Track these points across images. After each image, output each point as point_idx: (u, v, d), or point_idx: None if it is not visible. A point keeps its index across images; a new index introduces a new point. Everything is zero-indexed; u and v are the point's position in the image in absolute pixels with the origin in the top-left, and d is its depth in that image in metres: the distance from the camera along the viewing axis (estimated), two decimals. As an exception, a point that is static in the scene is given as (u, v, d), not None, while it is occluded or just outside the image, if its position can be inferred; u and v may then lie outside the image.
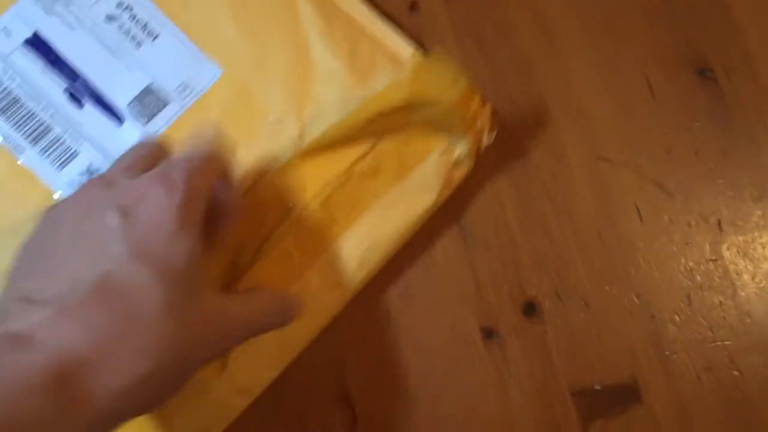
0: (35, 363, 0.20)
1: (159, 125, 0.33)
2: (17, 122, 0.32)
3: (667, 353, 0.36)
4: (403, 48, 0.35)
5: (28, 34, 0.33)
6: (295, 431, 0.35)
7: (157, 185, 0.25)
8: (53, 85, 0.33)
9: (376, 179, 0.34)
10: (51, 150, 0.33)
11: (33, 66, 0.33)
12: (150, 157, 0.28)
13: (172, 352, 0.23)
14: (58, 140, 0.33)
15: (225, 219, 0.28)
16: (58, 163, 0.33)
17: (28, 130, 0.32)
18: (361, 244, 0.34)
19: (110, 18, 0.34)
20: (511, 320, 0.37)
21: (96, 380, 0.21)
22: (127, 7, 0.34)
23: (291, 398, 0.35)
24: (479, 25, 0.40)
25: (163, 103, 0.34)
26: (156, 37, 0.34)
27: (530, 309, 0.37)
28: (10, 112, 0.32)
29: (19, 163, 0.32)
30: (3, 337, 0.21)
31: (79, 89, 0.33)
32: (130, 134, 0.33)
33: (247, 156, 0.33)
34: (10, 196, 0.32)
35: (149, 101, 0.33)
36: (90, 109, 0.33)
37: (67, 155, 0.33)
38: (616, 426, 0.35)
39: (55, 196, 0.32)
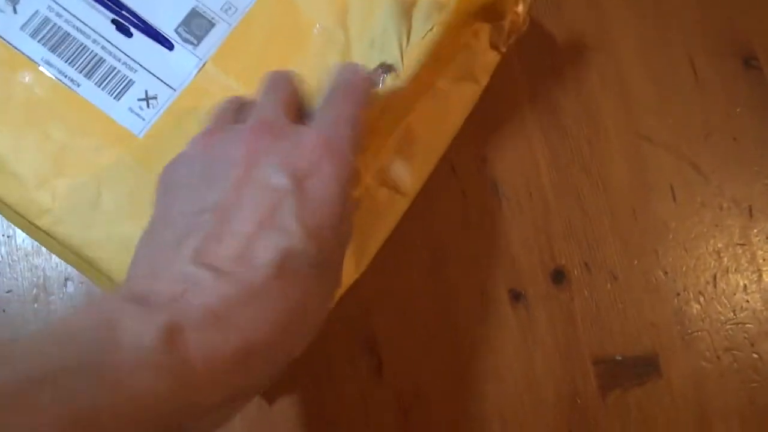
0: (229, 343, 0.21)
1: (209, 46, 0.33)
2: (69, 58, 0.32)
3: (690, 331, 0.37)
4: None
5: None
6: (322, 377, 0.36)
7: (329, 157, 0.24)
8: (100, 17, 0.33)
9: (423, 74, 0.33)
10: (106, 81, 0.32)
11: (77, 0, 0.33)
12: (298, 96, 0.28)
13: (313, 332, 0.24)
14: (112, 71, 0.32)
15: None
16: (115, 93, 0.32)
17: (81, 64, 0.32)
18: (407, 140, 0.34)
19: None
20: (539, 286, 0.37)
21: (263, 359, 0.22)
22: None
23: (319, 345, 0.35)
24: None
25: (210, 25, 0.33)
26: None
27: (559, 276, 0.37)
28: (61, 49, 0.32)
29: (77, 95, 0.32)
30: (201, 310, 0.21)
31: (126, 18, 0.33)
32: (181, 58, 0.33)
33: (300, 69, 0.32)
34: (74, 129, 0.32)
35: (196, 24, 0.33)
36: (139, 37, 0.33)
37: (123, 85, 0.32)
38: (633, 396, 0.36)
39: (118, 124, 0.32)
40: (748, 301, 0.37)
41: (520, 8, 0.34)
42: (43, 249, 0.37)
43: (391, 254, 0.37)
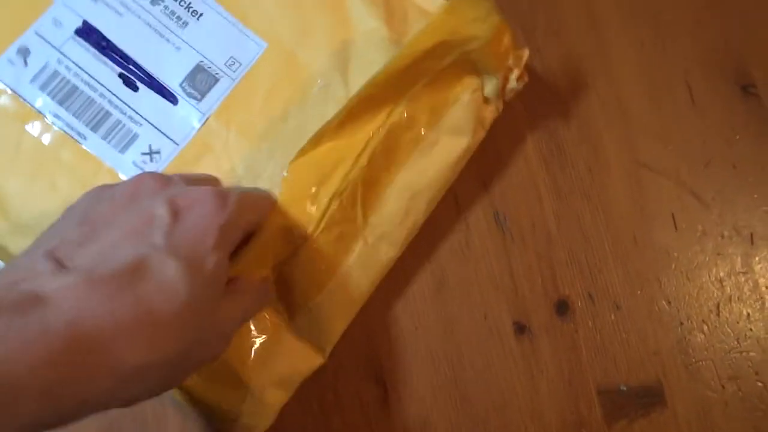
0: (49, 324, 0.20)
1: (212, 101, 0.34)
2: (77, 110, 0.33)
3: (694, 360, 0.37)
4: (433, 2, 0.35)
5: (78, 23, 0.33)
6: (329, 407, 0.36)
7: (211, 197, 0.26)
8: (107, 71, 0.33)
9: (411, 128, 0.34)
10: (111, 135, 0.33)
11: (86, 54, 0.33)
12: (209, 181, 0.30)
13: (179, 347, 0.23)
14: (118, 125, 0.33)
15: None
16: (120, 147, 0.33)
17: (87, 117, 0.33)
18: (405, 194, 0.34)
19: (155, 1, 0.34)
20: (543, 317, 0.37)
21: (105, 356, 0.21)
22: None
23: (326, 375, 0.35)
24: (530, 20, 0.40)
25: (214, 80, 0.34)
26: (200, 16, 0.34)
27: (563, 307, 0.37)
28: (69, 102, 0.33)
29: (83, 148, 0.33)
30: (24, 294, 0.21)
31: (133, 73, 0.33)
32: (185, 112, 0.33)
33: (300, 124, 0.33)
34: (79, 181, 0.32)
35: (201, 79, 0.34)
36: (145, 91, 0.33)
37: (128, 138, 0.33)
38: (639, 427, 0.36)
39: (122, 177, 0.33)
40: (751, 330, 0.37)
41: (512, 63, 0.34)
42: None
43: (396, 285, 0.37)
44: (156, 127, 0.33)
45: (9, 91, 0.32)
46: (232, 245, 0.27)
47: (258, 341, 0.32)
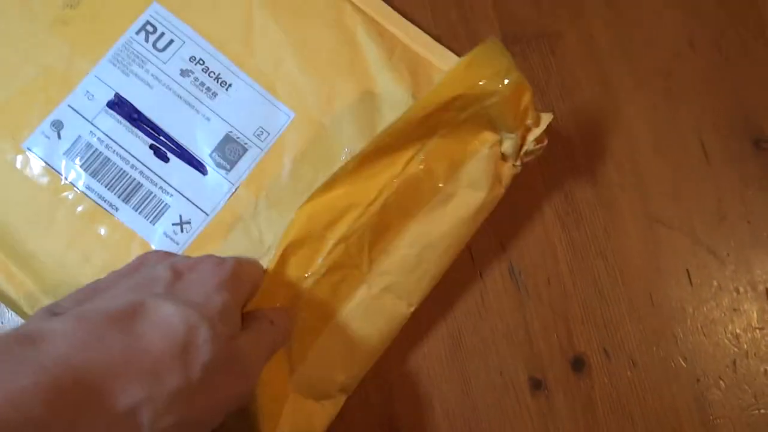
0: (40, 363, 0.20)
1: (241, 171, 0.34)
2: (109, 182, 0.34)
3: (711, 417, 0.37)
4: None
5: (110, 96, 0.34)
6: (346, 466, 0.36)
7: (210, 258, 0.28)
8: (138, 143, 0.34)
9: (428, 180, 0.34)
10: (143, 206, 0.34)
11: (118, 126, 0.34)
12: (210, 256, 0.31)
13: (181, 383, 0.22)
14: (149, 196, 0.34)
15: None
16: (151, 218, 0.34)
17: (119, 188, 0.34)
18: (417, 244, 0.34)
19: (185, 73, 0.35)
20: (559, 373, 0.38)
21: (96, 394, 0.20)
22: (199, 61, 0.35)
23: (341, 429, 0.36)
24: (544, 81, 0.41)
25: (243, 150, 0.34)
26: (229, 87, 0.35)
27: (579, 364, 0.38)
28: (101, 174, 0.34)
29: (116, 219, 0.34)
30: (15, 336, 0.20)
31: (164, 144, 0.34)
32: (215, 182, 0.34)
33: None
34: (112, 251, 0.33)
35: (230, 149, 0.34)
36: (175, 162, 0.34)
37: (159, 209, 0.34)
38: (657, 486, 0.36)
39: (153, 248, 0.34)
40: (768, 386, 0.37)
41: (531, 122, 0.34)
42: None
43: (412, 341, 0.37)
44: (186, 198, 0.34)
45: (43, 164, 0.33)
46: (239, 295, 0.27)
47: (265, 405, 0.32)
